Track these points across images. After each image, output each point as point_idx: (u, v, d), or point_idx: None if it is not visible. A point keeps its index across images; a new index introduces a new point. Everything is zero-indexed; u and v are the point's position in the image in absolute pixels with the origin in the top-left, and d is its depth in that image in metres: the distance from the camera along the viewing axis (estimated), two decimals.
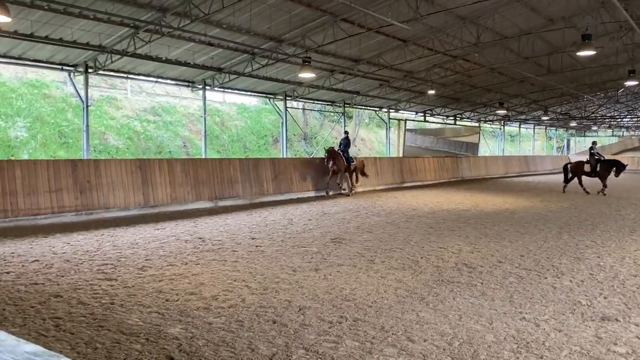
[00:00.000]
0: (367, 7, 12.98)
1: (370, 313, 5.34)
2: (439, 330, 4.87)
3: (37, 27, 11.62)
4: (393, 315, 5.30)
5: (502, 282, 6.70)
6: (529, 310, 5.48)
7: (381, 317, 5.23)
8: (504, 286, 6.51)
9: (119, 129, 20.26)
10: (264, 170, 17.33)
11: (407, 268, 7.45)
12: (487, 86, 26.30)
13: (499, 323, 5.08)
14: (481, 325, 5.02)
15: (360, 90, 23.04)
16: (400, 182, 23.46)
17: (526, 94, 29.99)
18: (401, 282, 6.61)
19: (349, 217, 13.26)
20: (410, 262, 7.83)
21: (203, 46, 14.53)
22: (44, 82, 19.26)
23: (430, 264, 7.77)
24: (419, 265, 7.68)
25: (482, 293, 6.17)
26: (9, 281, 6.75)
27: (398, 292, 6.15)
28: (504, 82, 25.80)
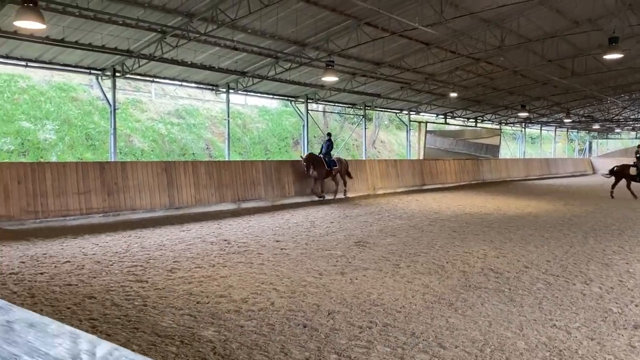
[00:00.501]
0: (392, 11, 13.01)
1: (400, 318, 5.38)
2: (470, 336, 4.89)
3: (68, 33, 11.89)
4: (422, 320, 5.33)
5: (530, 288, 6.67)
6: (559, 318, 5.47)
7: (411, 322, 5.27)
8: (532, 292, 6.49)
9: (144, 131, 20.58)
10: (286, 172, 17.45)
11: (433, 273, 7.46)
12: (509, 88, 26.09)
13: (530, 330, 5.08)
14: (512, 332, 5.02)
15: (381, 93, 23.05)
16: (421, 185, 23.40)
17: (548, 96, 29.67)
18: (428, 287, 6.64)
19: (371, 220, 13.29)
20: (436, 267, 7.84)
21: (228, 50, 14.70)
22: (71, 86, 19.66)
23: (456, 268, 7.77)
24: (445, 270, 7.69)
25: (510, 299, 6.16)
26: (44, 282, 6.93)
27: (426, 298, 6.17)
28: (526, 85, 25.57)
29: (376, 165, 21.45)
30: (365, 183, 20.15)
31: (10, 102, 17.48)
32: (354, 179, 19.73)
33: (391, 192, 20.60)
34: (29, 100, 17.99)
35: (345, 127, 32.09)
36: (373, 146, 33.10)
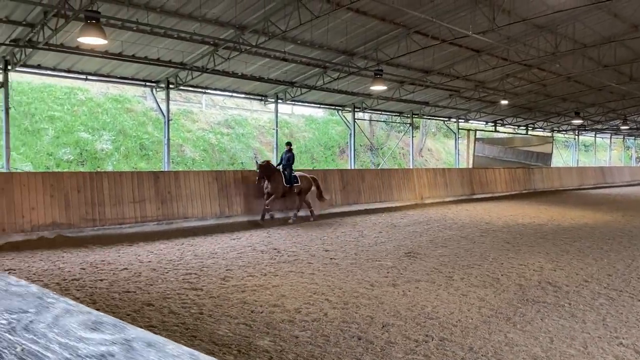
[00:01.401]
0: (443, 19, 12.89)
1: (456, 332, 5.27)
2: (531, 353, 4.74)
3: (126, 47, 12.36)
4: (480, 335, 5.20)
5: (592, 304, 6.42)
6: (625, 335, 5.23)
7: (468, 337, 5.15)
8: (595, 308, 6.24)
9: (195, 141, 21.11)
10: (332, 181, 17.46)
11: (488, 286, 7.28)
12: (562, 95, 25.31)
13: (594, 348, 4.87)
14: (575, 349, 4.84)
15: (429, 101, 22.81)
16: (470, 194, 22.94)
17: (604, 103, 28.60)
18: (484, 301, 6.48)
19: (420, 230, 13.12)
20: (490, 280, 7.66)
21: (277, 61, 14.92)
22: (126, 97, 20.42)
23: (512, 281, 7.56)
24: (500, 283, 7.49)
25: (571, 315, 5.94)
26: (104, 288, 7.17)
27: (482, 311, 6.03)
28: (580, 91, 24.75)
29: (424, 174, 21.20)
30: (412, 192, 19.93)
31: (70, 114, 18.28)
32: (402, 188, 19.54)
33: (439, 202, 20.30)
34: (87, 111, 18.78)
35: (392, 135, 31.91)
36: (420, 155, 32.74)
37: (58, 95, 18.51)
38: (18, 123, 15.98)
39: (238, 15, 11.72)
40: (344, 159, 27.72)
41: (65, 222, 11.22)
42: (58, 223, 11.11)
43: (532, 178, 28.67)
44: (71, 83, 18.31)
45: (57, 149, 16.94)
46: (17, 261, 8.95)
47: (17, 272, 8.13)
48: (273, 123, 19.32)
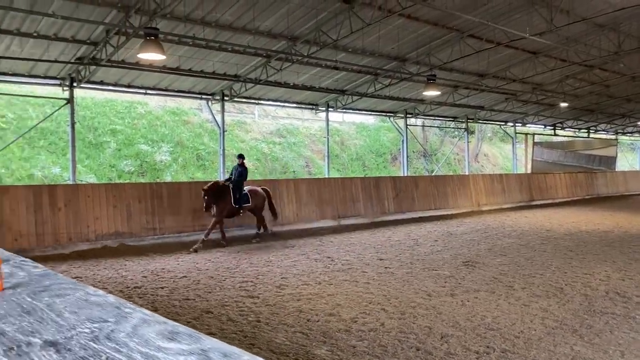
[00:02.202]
0: (497, 22, 12.60)
1: (519, 344, 5.09)
2: None
3: (183, 61, 12.78)
4: (544, 347, 5.00)
5: None
6: None
7: (531, 349, 4.96)
8: None
9: (248, 151, 21.51)
10: (385, 188, 17.33)
11: (551, 296, 7.01)
12: (627, 96, 24.15)
13: None
14: None
15: (484, 105, 22.29)
16: (529, 200, 22.20)
17: None
18: (547, 312, 6.23)
19: (477, 238, 12.81)
20: (554, 290, 7.36)
21: (329, 70, 15.00)
22: (183, 110, 21.09)
23: (576, 291, 7.25)
24: (564, 293, 7.19)
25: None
26: (165, 296, 7.39)
27: (546, 323, 5.80)
28: None
29: (480, 180, 20.70)
30: (468, 199, 19.50)
31: (130, 127, 19.05)
32: (458, 195, 19.15)
33: (497, 209, 19.75)
34: (146, 124, 19.51)
35: (446, 141, 31.37)
36: (476, 160, 32.01)
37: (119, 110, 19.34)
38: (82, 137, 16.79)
39: (290, 26, 11.88)
40: (397, 166, 27.46)
41: (127, 231, 11.66)
42: (120, 232, 11.56)
43: (595, 183, 27.46)
44: (131, 97, 19.08)
45: (119, 161, 17.68)
46: (83, 269, 9.36)
47: (83, 280, 8.51)
48: (324, 131, 19.41)
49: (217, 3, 10.54)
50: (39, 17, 9.67)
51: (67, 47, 11.36)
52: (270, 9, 11.10)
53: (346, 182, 16.64)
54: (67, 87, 12.64)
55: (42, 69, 12.13)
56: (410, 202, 17.86)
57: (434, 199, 18.38)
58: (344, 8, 11.46)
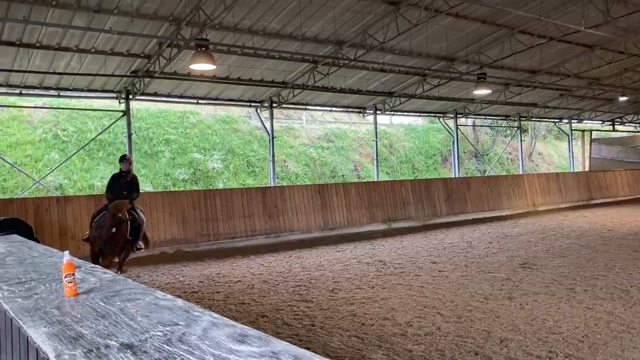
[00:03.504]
0: (550, 16, 12.20)
1: (584, 349, 4.90)
2: None
3: (232, 70, 13.03)
4: (611, 352, 4.79)
5: None
6: None
7: (597, 354, 4.76)
8: None
9: (297, 156, 21.69)
10: (436, 190, 17.08)
11: (616, 298, 6.70)
12: None
13: None
14: None
15: (538, 102, 21.60)
16: (588, 199, 21.34)
17: None
18: (613, 315, 5.96)
19: (534, 239, 12.42)
20: (619, 292, 7.04)
21: (375, 73, 14.93)
22: (233, 118, 21.50)
23: None
24: (631, 295, 6.86)
25: None
26: (221, 300, 7.54)
27: (611, 326, 5.55)
28: None
29: (535, 180, 20.08)
30: (523, 200, 18.93)
31: (183, 136, 19.58)
32: (512, 195, 18.62)
33: (554, 208, 19.08)
34: (198, 133, 20.00)
35: (498, 140, 30.57)
36: (530, 159, 31.02)
37: (172, 120, 19.92)
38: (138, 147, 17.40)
39: (336, 31, 11.91)
40: (447, 167, 26.98)
41: (182, 237, 11.99)
42: (177, 239, 11.90)
43: None
44: (183, 107, 19.62)
45: (173, 169, 18.20)
46: (142, 276, 9.68)
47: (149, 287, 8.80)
48: (372, 134, 19.31)
49: (264, 12, 10.71)
50: (96, 33, 10.11)
51: (123, 61, 11.81)
52: (317, 14, 11.17)
53: (396, 185, 16.52)
54: (123, 100, 13.14)
55: (99, 83, 12.66)
56: (462, 204, 17.52)
57: (487, 200, 17.97)
58: (390, 10, 11.40)
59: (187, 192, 13.64)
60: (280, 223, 13.50)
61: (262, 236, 13.05)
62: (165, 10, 10.10)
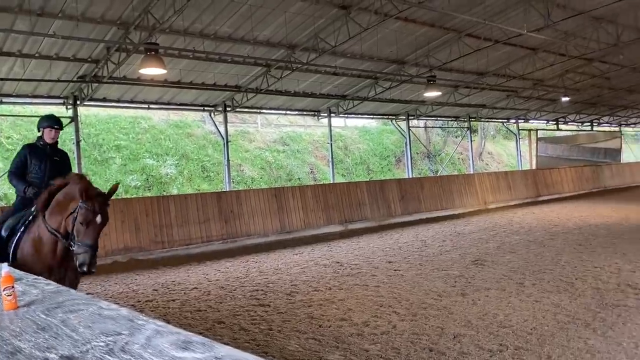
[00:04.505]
0: (494, 20, 12.63)
1: (532, 341, 5.08)
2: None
3: (184, 75, 12.86)
4: (558, 343, 4.99)
5: None
6: None
7: (545, 345, 4.95)
8: None
9: (252, 160, 21.61)
10: (390, 191, 17.32)
11: (562, 291, 6.98)
12: (628, 87, 24.05)
13: None
14: None
15: (486, 103, 22.28)
16: (536, 196, 22.12)
17: None
18: (559, 307, 6.22)
19: (485, 236, 12.77)
20: (565, 285, 7.34)
21: (328, 76, 15.05)
22: (186, 123, 21.22)
23: (588, 285, 7.22)
24: (575, 287, 7.17)
25: None
26: (176, 308, 7.42)
27: (558, 318, 5.78)
28: None
29: (485, 179, 20.66)
30: (475, 198, 19.45)
31: (135, 142, 19.17)
32: (464, 194, 19.10)
33: (504, 206, 19.69)
34: (150, 139, 19.63)
35: (450, 141, 31.35)
36: (480, 159, 31.95)
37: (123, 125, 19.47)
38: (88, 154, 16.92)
39: (288, 34, 11.95)
40: (401, 168, 27.45)
41: (136, 245, 11.70)
42: (129, 247, 11.60)
43: (601, 175, 27.33)
44: (134, 113, 19.21)
45: (125, 176, 17.78)
46: (93, 285, 9.40)
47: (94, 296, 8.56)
48: (327, 137, 19.44)
49: (215, 16, 10.62)
50: (39, 37, 9.77)
51: (69, 66, 11.47)
52: (268, 18, 11.17)
53: (351, 187, 16.65)
54: (70, 106, 12.75)
55: (45, 88, 12.24)
56: (416, 204, 17.83)
57: (440, 200, 18.35)
58: (341, 14, 11.52)
59: (140, 199, 13.33)
60: (237, 228, 13.38)
61: (218, 242, 12.90)
62: (113, 14, 9.87)
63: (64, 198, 4.70)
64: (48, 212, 4.73)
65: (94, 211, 4.49)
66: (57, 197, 4.74)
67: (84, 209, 4.45)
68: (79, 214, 4.46)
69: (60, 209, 4.66)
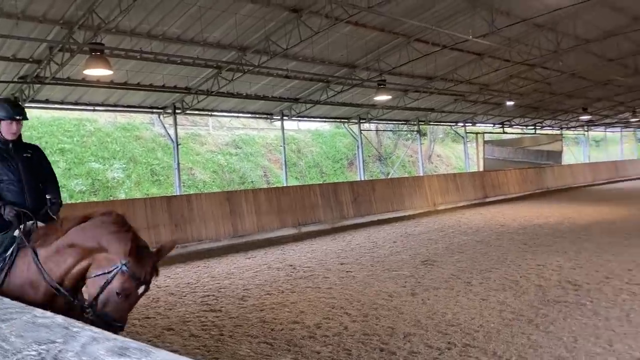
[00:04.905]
0: (441, 26, 12.96)
1: (479, 338, 5.23)
2: (556, 354, 4.68)
3: (131, 76, 12.55)
4: (503, 339, 5.16)
5: (615, 300, 6.35)
6: None
7: (491, 342, 5.11)
8: (617, 304, 6.17)
9: (204, 163, 21.30)
10: (343, 193, 17.46)
11: (507, 289, 7.23)
12: (568, 92, 25.20)
13: (620, 345, 4.81)
14: (601, 347, 4.78)
15: (435, 107, 22.83)
16: (483, 197, 22.81)
17: (611, 97, 28.42)
18: (504, 304, 6.43)
19: (434, 237, 13.05)
20: (509, 283, 7.59)
21: (281, 79, 15.05)
22: (134, 125, 20.70)
23: (531, 283, 7.50)
24: (520, 285, 7.43)
25: (594, 312, 5.87)
26: None
27: (503, 315, 5.98)
28: (586, 87, 24.61)
29: (435, 181, 21.14)
30: (425, 200, 19.86)
31: (79, 145, 18.54)
32: (414, 196, 19.46)
33: (453, 207, 20.18)
34: (96, 142, 19.04)
35: (400, 144, 31.92)
36: (430, 161, 32.69)
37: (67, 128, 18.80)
38: None
39: (239, 37, 11.87)
40: (353, 170, 27.73)
41: None
42: None
43: (544, 177, 28.47)
44: (79, 115, 18.59)
45: (69, 180, 17.16)
46: None
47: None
48: (280, 140, 19.43)
49: (163, 16, 10.43)
50: None
51: (9, 66, 10.99)
52: (218, 20, 11.06)
53: (304, 190, 16.68)
54: None
55: None
56: (368, 206, 18.04)
57: (391, 201, 18.64)
58: (292, 17, 11.55)
59: (85, 205, 12.88)
60: (188, 232, 13.15)
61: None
62: (55, 13, 9.53)
63: (84, 244, 3.31)
64: (46, 252, 3.40)
65: (140, 280, 3.23)
66: (71, 237, 3.34)
67: (127, 274, 3.15)
68: (117, 280, 3.15)
69: (76, 257, 3.33)
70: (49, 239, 3.48)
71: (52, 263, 3.38)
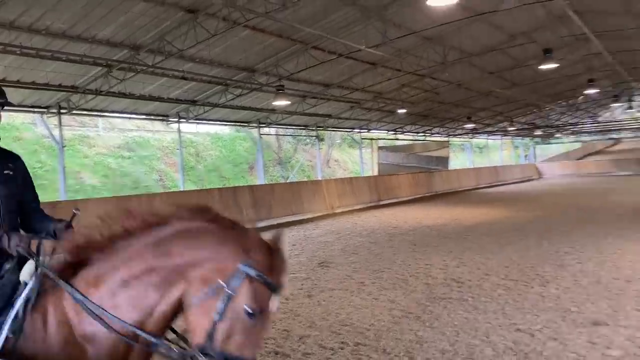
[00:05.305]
0: (337, 35, 13.32)
1: (370, 336, 5.44)
2: (439, 348, 4.99)
3: (9, 72, 11.58)
4: (392, 336, 5.40)
5: (492, 295, 6.88)
6: (521, 321, 5.66)
7: (381, 339, 5.33)
8: (494, 298, 6.69)
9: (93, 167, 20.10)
10: (243, 197, 17.33)
11: (398, 287, 7.57)
12: (454, 102, 26.96)
13: (496, 336, 5.23)
14: (479, 339, 5.16)
15: (332, 113, 23.39)
16: (378, 200, 23.69)
17: (492, 107, 30.84)
18: (394, 303, 6.73)
19: (331, 239, 13.34)
20: (400, 282, 7.96)
21: (177, 80, 14.63)
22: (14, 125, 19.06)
23: (419, 281, 7.92)
24: (409, 283, 7.81)
25: (474, 307, 6.33)
26: None
27: (393, 313, 6.26)
28: (470, 97, 26.52)
29: (332, 185, 21.62)
30: (323, 203, 20.25)
31: None
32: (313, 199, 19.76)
33: (349, 210, 20.77)
34: None
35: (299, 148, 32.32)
36: (327, 166, 33.41)
37: None
38: None
39: (131, 35, 11.39)
40: (254, 174, 27.63)
41: None
42: None
43: (433, 181, 30.15)
44: None
45: None
46: None
47: None
48: (177, 143, 18.88)
49: (46, 10, 9.73)
50: None
51: None
52: (108, 17, 10.52)
53: (203, 194, 16.32)
54: None
55: None
56: (268, 210, 18.03)
57: (290, 205, 18.79)
58: (188, 18, 11.29)
59: None
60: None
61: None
62: None
63: (170, 262, 2.23)
64: (98, 291, 2.22)
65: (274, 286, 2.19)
66: (145, 259, 2.24)
67: (257, 278, 2.14)
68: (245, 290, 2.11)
69: (160, 286, 2.22)
70: (95, 271, 2.26)
71: (122, 301, 2.21)
